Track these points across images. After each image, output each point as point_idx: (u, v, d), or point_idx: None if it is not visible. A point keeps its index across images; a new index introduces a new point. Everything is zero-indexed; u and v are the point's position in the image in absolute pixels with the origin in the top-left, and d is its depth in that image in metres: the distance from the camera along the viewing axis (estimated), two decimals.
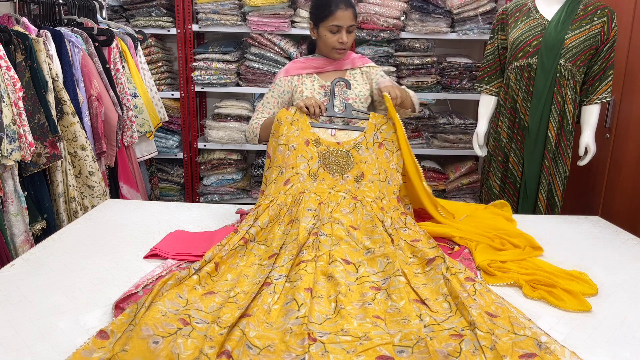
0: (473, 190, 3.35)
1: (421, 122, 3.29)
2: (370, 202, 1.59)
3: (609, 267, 1.44)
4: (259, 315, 1.06)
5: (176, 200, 3.44)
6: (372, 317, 1.07)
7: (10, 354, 0.97)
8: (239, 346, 0.95)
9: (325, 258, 1.31)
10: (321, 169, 1.67)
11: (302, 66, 1.90)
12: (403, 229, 1.55)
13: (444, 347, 0.95)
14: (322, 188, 1.63)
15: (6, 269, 1.33)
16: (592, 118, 2.21)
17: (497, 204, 1.88)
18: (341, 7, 1.76)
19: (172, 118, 3.31)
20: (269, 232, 1.47)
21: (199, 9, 3.05)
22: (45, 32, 2.06)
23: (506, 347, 0.96)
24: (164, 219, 1.73)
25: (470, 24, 3.06)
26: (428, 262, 1.33)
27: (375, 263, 1.32)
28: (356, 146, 1.71)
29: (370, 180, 1.66)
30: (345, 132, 1.76)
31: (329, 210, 1.54)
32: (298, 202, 1.54)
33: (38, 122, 1.90)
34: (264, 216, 1.51)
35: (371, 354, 0.94)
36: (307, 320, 1.03)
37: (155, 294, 1.10)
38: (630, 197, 2.36)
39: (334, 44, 1.81)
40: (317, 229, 1.42)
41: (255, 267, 1.32)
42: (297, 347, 0.95)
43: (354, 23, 1.81)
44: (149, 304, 1.06)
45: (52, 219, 2.02)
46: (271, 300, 1.13)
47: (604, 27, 2.10)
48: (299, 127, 1.71)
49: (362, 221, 1.51)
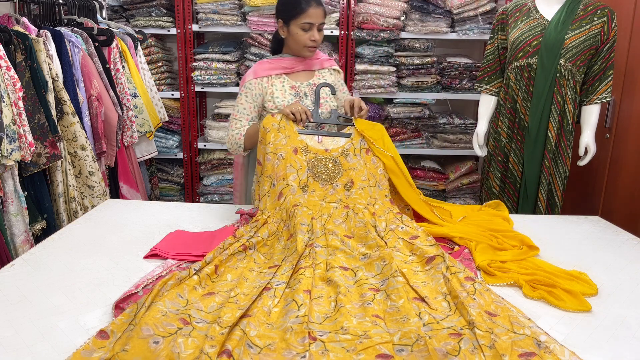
0: (473, 190, 3.35)
1: (421, 122, 3.29)
2: (362, 209, 1.60)
3: (609, 267, 1.44)
4: (259, 316, 1.06)
5: (176, 200, 3.44)
6: (372, 317, 1.07)
7: (10, 354, 0.97)
8: (239, 345, 0.95)
9: (323, 266, 1.32)
10: (311, 179, 1.67)
11: (270, 67, 1.88)
12: (400, 227, 1.55)
13: (443, 346, 0.96)
14: (313, 201, 1.62)
15: (6, 269, 1.33)
16: (592, 118, 2.21)
17: (491, 204, 1.87)
18: (312, 4, 1.77)
19: (172, 118, 3.31)
20: (269, 247, 1.47)
21: (199, 9, 3.05)
22: (45, 32, 2.06)
23: (505, 345, 0.97)
24: (164, 219, 1.73)
25: (470, 24, 3.06)
26: (428, 260, 1.34)
27: (372, 267, 1.33)
28: (344, 153, 1.71)
29: (360, 187, 1.67)
30: (332, 138, 1.76)
31: (322, 223, 1.54)
32: (293, 216, 1.53)
33: (38, 122, 1.90)
34: (263, 229, 1.52)
35: (371, 352, 0.94)
36: (307, 320, 1.03)
37: (156, 294, 1.10)
38: (630, 197, 2.36)
39: (305, 42, 1.81)
40: (312, 241, 1.42)
41: (255, 273, 1.32)
42: (297, 345, 0.96)
43: (324, 21, 1.82)
44: (149, 304, 1.06)
45: (52, 219, 2.02)
46: (271, 303, 1.13)
47: (604, 27, 2.10)
48: (286, 135, 1.69)
49: (356, 229, 1.51)
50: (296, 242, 1.40)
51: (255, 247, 1.44)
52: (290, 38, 1.85)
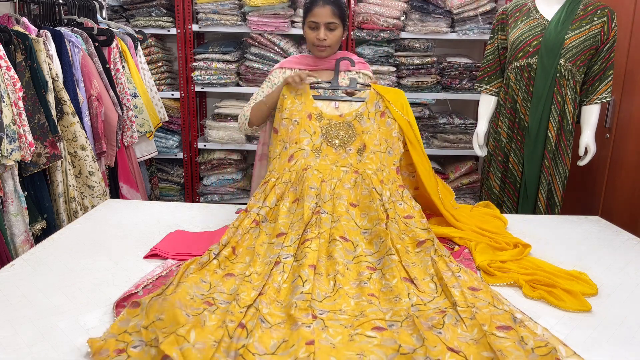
0: (473, 190, 3.35)
1: (421, 122, 3.29)
2: (370, 174, 1.63)
3: (609, 267, 1.44)
4: (270, 294, 1.16)
5: (176, 200, 3.44)
6: (368, 295, 1.17)
7: (10, 354, 0.97)
8: (253, 319, 1.05)
9: (326, 236, 1.40)
10: (324, 144, 1.70)
11: (297, 61, 1.93)
12: (399, 202, 1.60)
13: (429, 321, 1.07)
14: (324, 164, 1.66)
15: (6, 269, 1.33)
16: (592, 118, 2.21)
17: (481, 204, 1.88)
18: (319, 3, 1.78)
19: (172, 118, 3.31)
20: (277, 211, 1.53)
21: (199, 9, 3.05)
22: (45, 32, 2.06)
23: (485, 317, 1.07)
24: (164, 219, 1.73)
25: (470, 24, 3.06)
26: (419, 244, 1.42)
27: (372, 245, 1.41)
28: (357, 117, 1.72)
29: (372, 152, 1.69)
30: (349, 103, 1.78)
31: (332, 187, 1.59)
32: (302, 179, 1.58)
33: (38, 122, 1.90)
34: (271, 196, 1.57)
35: (366, 326, 1.04)
36: (310, 298, 1.14)
37: (181, 275, 1.21)
38: (630, 197, 2.36)
39: (312, 41, 1.83)
40: (319, 207, 1.49)
41: (266, 246, 1.41)
42: (302, 317, 1.05)
43: (334, 20, 1.78)
44: (177, 283, 1.16)
45: (52, 219, 2.02)
46: (281, 279, 1.23)
47: (604, 27, 2.10)
48: (302, 101, 1.73)
49: (361, 197, 1.57)
50: (302, 207, 1.48)
51: (266, 220, 1.52)
52: (305, 37, 1.89)
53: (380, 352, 0.96)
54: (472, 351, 0.97)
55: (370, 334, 1.02)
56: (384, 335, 1.00)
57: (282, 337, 1.01)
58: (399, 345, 0.96)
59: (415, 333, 1.01)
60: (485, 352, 0.97)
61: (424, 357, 0.93)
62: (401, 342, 0.97)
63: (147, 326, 0.99)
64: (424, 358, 0.93)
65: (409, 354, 0.94)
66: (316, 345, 0.96)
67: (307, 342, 0.96)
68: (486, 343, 0.98)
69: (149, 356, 0.94)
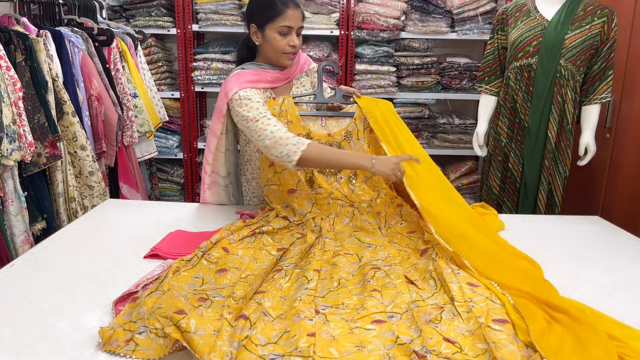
0: (473, 190, 3.35)
1: (421, 122, 3.29)
2: (365, 208, 1.62)
3: (609, 267, 1.44)
4: (272, 292, 1.17)
5: (176, 200, 3.44)
6: (370, 291, 1.18)
7: (10, 354, 0.97)
8: (256, 312, 1.06)
9: (330, 254, 1.40)
10: (315, 172, 1.67)
11: (256, 79, 1.65)
12: (399, 222, 1.59)
13: (427, 315, 1.10)
14: (320, 199, 1.64)
15: (6, 269, 1.33)
16: (592, 118, 2.22)
17: (476, 206, 1.87)
18: (291, 6, 1.59)
19: (172, 118, 3.31)
20: (280, 236, 1.54)
21: (199, 9, 3.05)
22: (45, 32, 2.06)
23: (482, 310, 1.09)
24: (164, 219, 1.73)
25: (470, 24, 3.06)
26: (422, 252, 1.43)
27: (377, 255, 1.40)
28: (347, 137, 1.69)
29: (362, 180, 1.67)
30: (336, 120, 1.72)
31: (331, 223, 1.59)
32: (302, 224, 1.59)
33: (38, 122, 1.90)
34: (276, 221, 1.58)
35: (367, 320, 1.06)
36: (314, 294, 1.15)
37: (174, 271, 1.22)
38: (630, 197, 2.36)
39: (284, 48, 1.62)
40: (322, 234, 1.50)
41: (264, 252, 1.41)
42: (305, 311, 1.07)
43: (302, 24, 1.65)
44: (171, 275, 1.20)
45: (52, 219, 2.02)
46: (283, 280, 1.24)
47: (604, 27, 2.10)
48: (288, 120, 1.65)
49: (363, 226, 1.58)
50: (305, 235, 1.49)
51: (264, 234, 1.51)
52: (266, 45, 1.64)
53: (378, 342, 0.99)
54: (468, 342, 1.00)
55: (370, 327, 1.04)
56: (382, 328, 1.03)
57: (284, 328, 1.03)
58: (397, 336, 0.99)
59: (413, 325, 1.04)
60: (480, 344, 0.99)
61: (421, 347, 0.95)
62: (399, 334, 1.00)
63: (148, 315, 1.02)
64: (420, 348, 0.95)
65: (405, 344, 0.97)
66: (317, 337, 0.99)
67: (308, 334, 0.98)
68: (481, 335, 1.00)
69: (156, 344, 0.97)
